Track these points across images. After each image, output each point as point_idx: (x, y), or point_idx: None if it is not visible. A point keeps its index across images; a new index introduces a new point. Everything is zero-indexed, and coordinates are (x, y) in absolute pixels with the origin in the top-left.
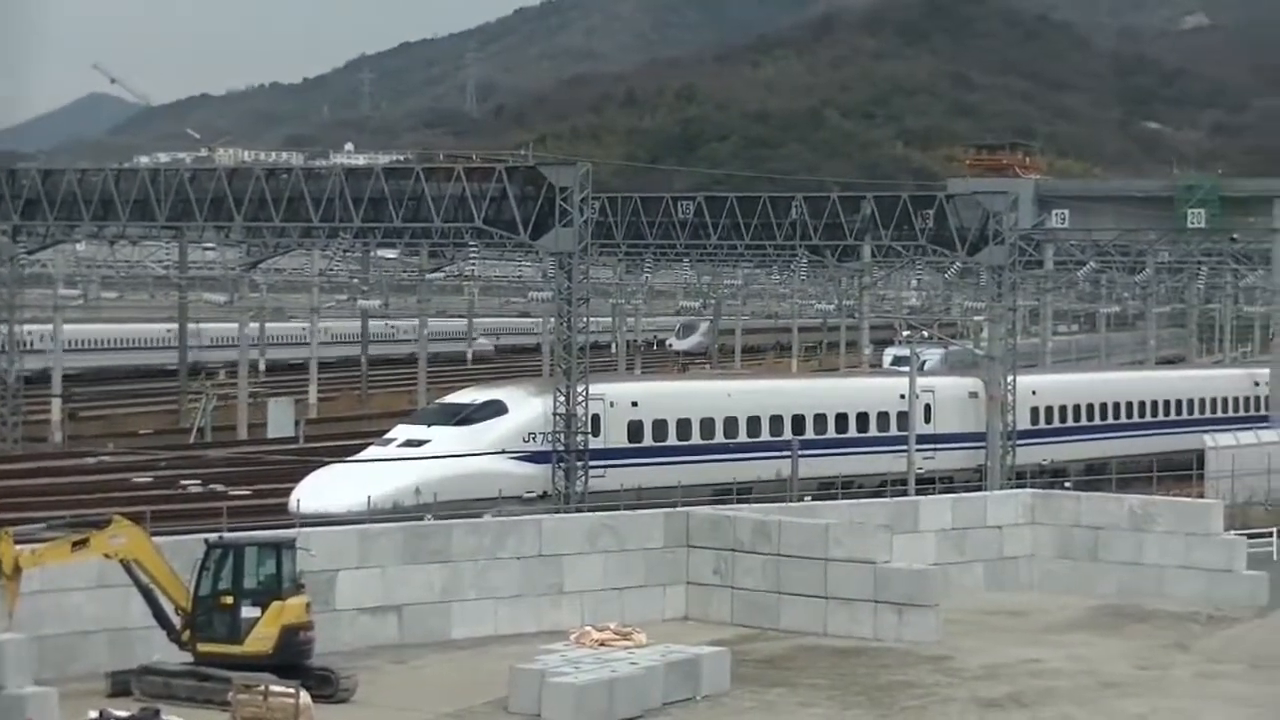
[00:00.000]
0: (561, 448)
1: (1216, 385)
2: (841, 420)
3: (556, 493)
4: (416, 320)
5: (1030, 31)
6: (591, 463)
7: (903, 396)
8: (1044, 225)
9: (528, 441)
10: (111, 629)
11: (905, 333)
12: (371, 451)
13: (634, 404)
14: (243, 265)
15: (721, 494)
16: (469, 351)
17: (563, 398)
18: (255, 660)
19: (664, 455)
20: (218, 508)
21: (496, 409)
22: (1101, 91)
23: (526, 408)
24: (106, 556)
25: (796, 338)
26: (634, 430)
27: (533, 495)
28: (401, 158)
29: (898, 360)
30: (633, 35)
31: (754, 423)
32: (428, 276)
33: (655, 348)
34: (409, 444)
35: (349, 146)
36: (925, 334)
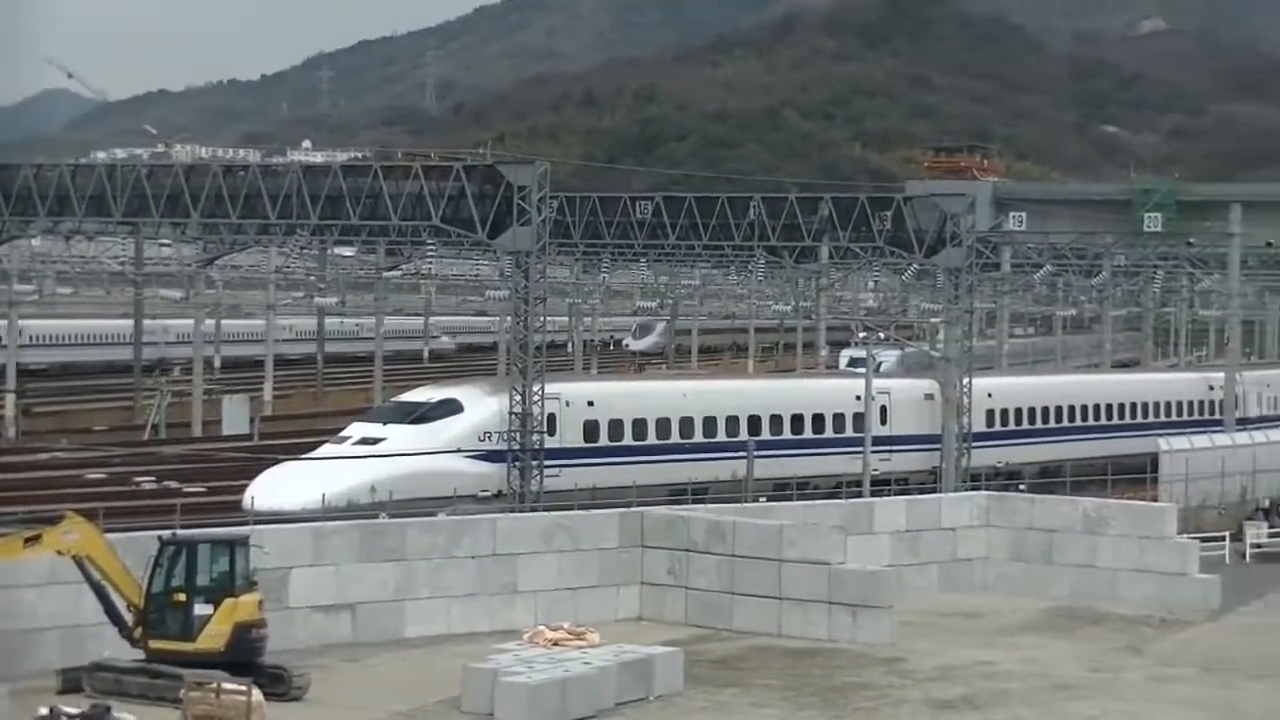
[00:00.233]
0: (517, 447)
1: (1171, 389)
2: (797, 421)
3: (511, 492)
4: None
5: (988, 34)
6: (547, 462)
7: (859, 398)
8: (1001, 228)
9: (483, 440)
10: (63, 626)
11: (862, 334)
12: (326, 449)
13: (590, 404)
14: (199, 262)
15: (677, 494)
16: (425, 350)
17: (518, 397)
18: (207, 658)
19: (619, 455)
20: (171, 505)
21: (452, 408)
22: (1059, 95)
23: (482, 407)
24: (59, 553)
25: (753, 338)
26: (590, 430)
27: (488, 494)
28: (359, 155)
29: (854, 361)
30: (593, 35)
31: (710, 423)
32: (385, 274)
33: (612, 347)
34: (364, 442)
35: (307, 144)
36: (882, 336)
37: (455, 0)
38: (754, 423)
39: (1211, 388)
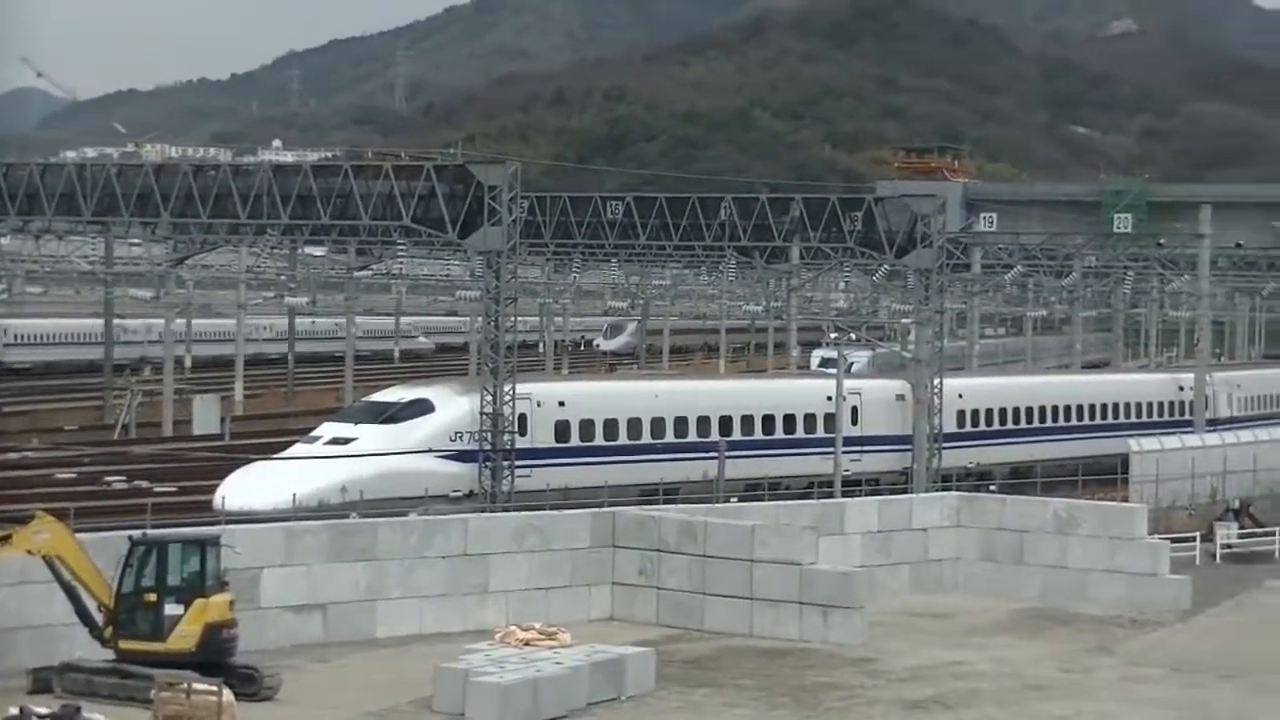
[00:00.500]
0: (488, 447)
1: (1142, 390)
2: (768, 422)
3: (483, 492)
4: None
5: (958, 35)
6: (518, 462)
7: (830, 398)
8: (972, 228)
9: (454, 440)
10: (34, 626)
11: (833, 335)
12: (297, 449)
13: (561, 404)
14: (169, 261)
15: (648, 494)
16: (396, 350)
17: (490, 397)
18: (178, 658)
19: (591, 455)
20: (142, 504)
21: (423, 408)
22: (1029, 96)
23: (453, 406)
24: (29, 553)
25: (724, 339)
26: (561, 430)
27: (459, 494)
28: (330, 155)
29: (825, 362)
30: (563, 35)
31: (681, 423)
32: (356, 274)
33: (583, 348)
34: (335, 442)
35: (277, 143)
36: (853, 336)
37: (426, 0)
38: (725, 423)
39: (1182, 389)
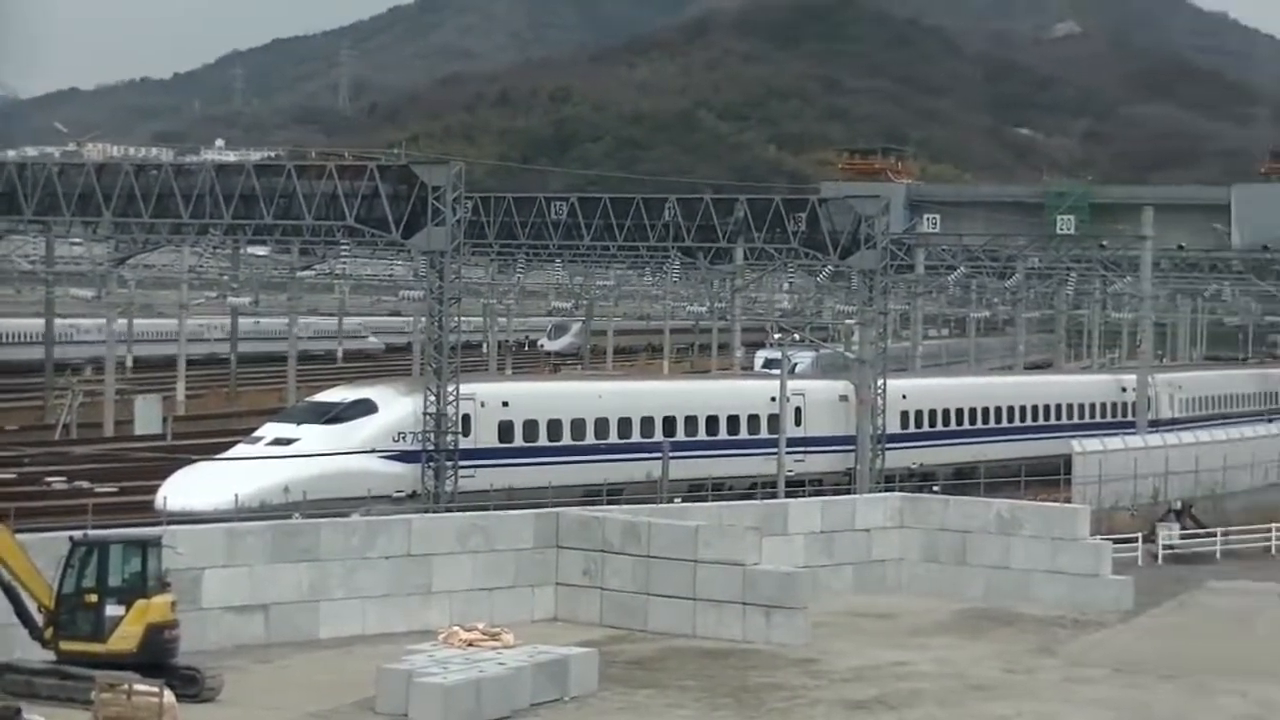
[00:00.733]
0: (431, 447)
1: (1084, 391)
2: (712, 422)
3: (426, 492)
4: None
5: (901, 37)
6: (461, 463)
7: (774, 399)
8: (915, 230)
9: (397, 441)
10: None
11: (777, 335)
12: (239, 450)
13: (505, 404)
14: (111, 261)
15: (592, 495)
16: (339, 349)
17: (433, 397)
18: (119, 659)
19: (535, 456)
20: (83, 505)
21: (366, 408)
22: (973, 97)
23: (396, 407)
24: None
25: (669, 339)
26: (504, 430)
27: (402, 495)
28: (273, 155)
29: (769, 363)
30: (508, 35)
31: (625, 424)
32: (299, 274)
33: (527, 348)
34: (277, 442)
35: (220, 143)
36: (797, 337)
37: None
38: (669, 424)
39: (1124, 389)
